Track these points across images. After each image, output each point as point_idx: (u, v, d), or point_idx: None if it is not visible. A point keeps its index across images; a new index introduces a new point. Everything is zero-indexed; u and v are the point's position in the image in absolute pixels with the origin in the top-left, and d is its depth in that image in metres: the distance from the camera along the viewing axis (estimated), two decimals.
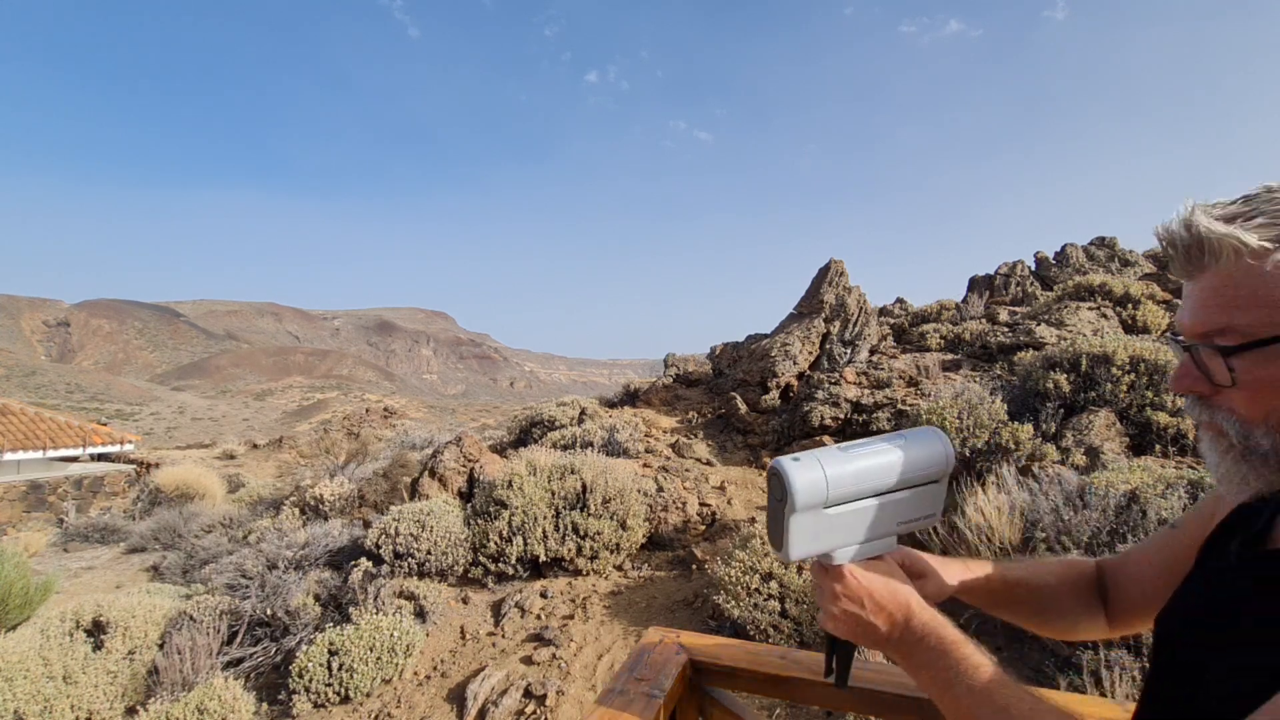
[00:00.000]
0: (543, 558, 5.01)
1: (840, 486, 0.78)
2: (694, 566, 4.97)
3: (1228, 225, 0.60)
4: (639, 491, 5.59)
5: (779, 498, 0.79)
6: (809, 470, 0.77)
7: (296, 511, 8.16)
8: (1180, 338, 0.66)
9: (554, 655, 4.04)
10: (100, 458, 16.24)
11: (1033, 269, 13.56)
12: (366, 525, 6.38)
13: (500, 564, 5.07)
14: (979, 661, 0.70)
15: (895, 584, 0.79)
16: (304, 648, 4.31)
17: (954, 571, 0.95)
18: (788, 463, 0.79)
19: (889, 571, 0.81)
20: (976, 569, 0.96)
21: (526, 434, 9.42)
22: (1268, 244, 0.57)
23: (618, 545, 5.13)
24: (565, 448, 7.47)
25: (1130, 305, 8.59)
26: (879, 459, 0.79)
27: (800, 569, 4.19)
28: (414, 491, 6.80)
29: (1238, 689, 0.58)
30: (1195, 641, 0.69)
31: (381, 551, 5.26)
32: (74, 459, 15.46)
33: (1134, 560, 0.93)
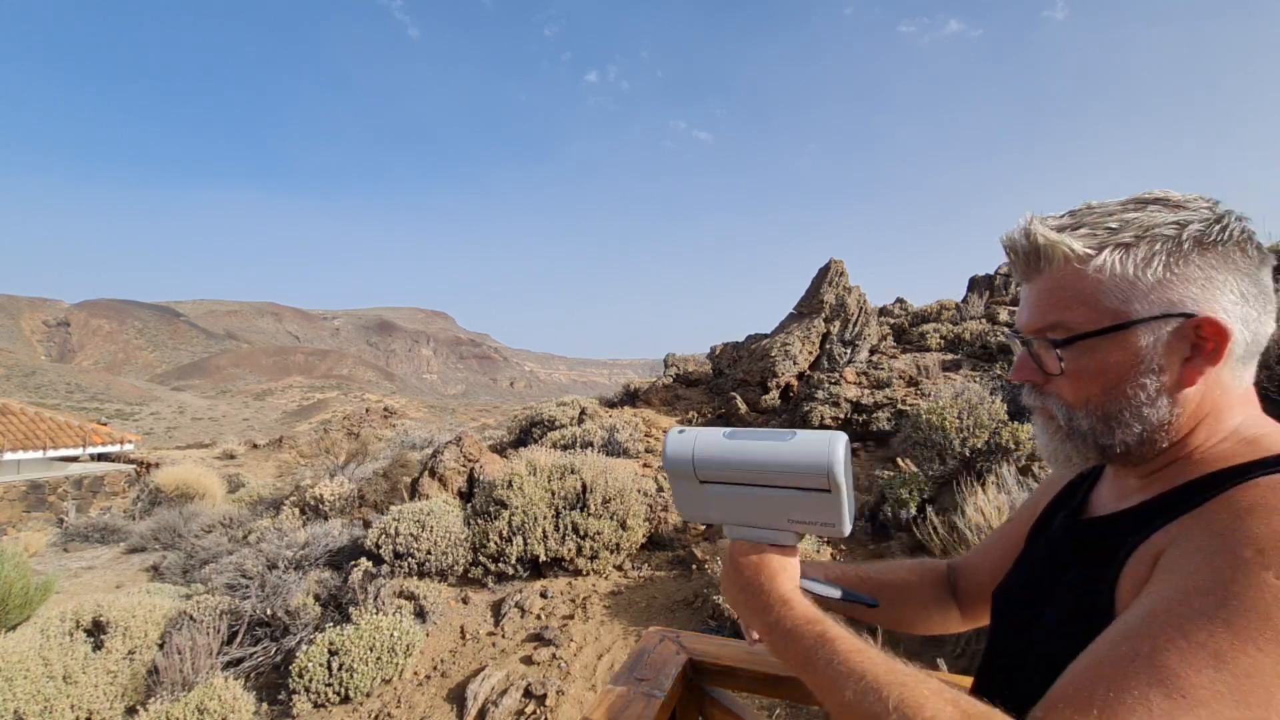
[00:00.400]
0: (543, 558, 5.01)
1: (708, 464, 0.81)
2: (694, 566, 4.97)
3: (1059, 234, 0.68)
4: (639, 491, 5.59)
5: (666, 470, 0.85)
6: (682, 443, 0.83)
7: (296, 511, 8.16)
8: (1019, 334, 0.74)
9: (554, 655, 4.04)
10: (100, 458, 16.24)
11: None
12: (366, 525, 6.38)
13: (500, 564, 5.07)
14: (840, 634, 0.71)
15: (780, 569, 0.81)
16: (304, 648, 4.31)
17: (820, 569, 1.00)
18: (673, 432, 0.85)
19: (783, 563, 0.82)
20: (837, 569, 1.02)
21: (526, 434, 9.43)
22: (1090, 250, 0.67)
23: (618, 545, 5.14)
24: (565, 448, 7.47)
25: None
26: (751, 450, 0.80)
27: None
28: (414, 491, 6.80)
29: (1064, 635, 0.66)
30: (1025, 604, 0.78)
31: (381, 551, 5.26)
32: (74, 459, 15.46)
33: (978, 555, 1.01)
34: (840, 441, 0.76)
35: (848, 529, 0.79)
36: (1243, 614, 0.52)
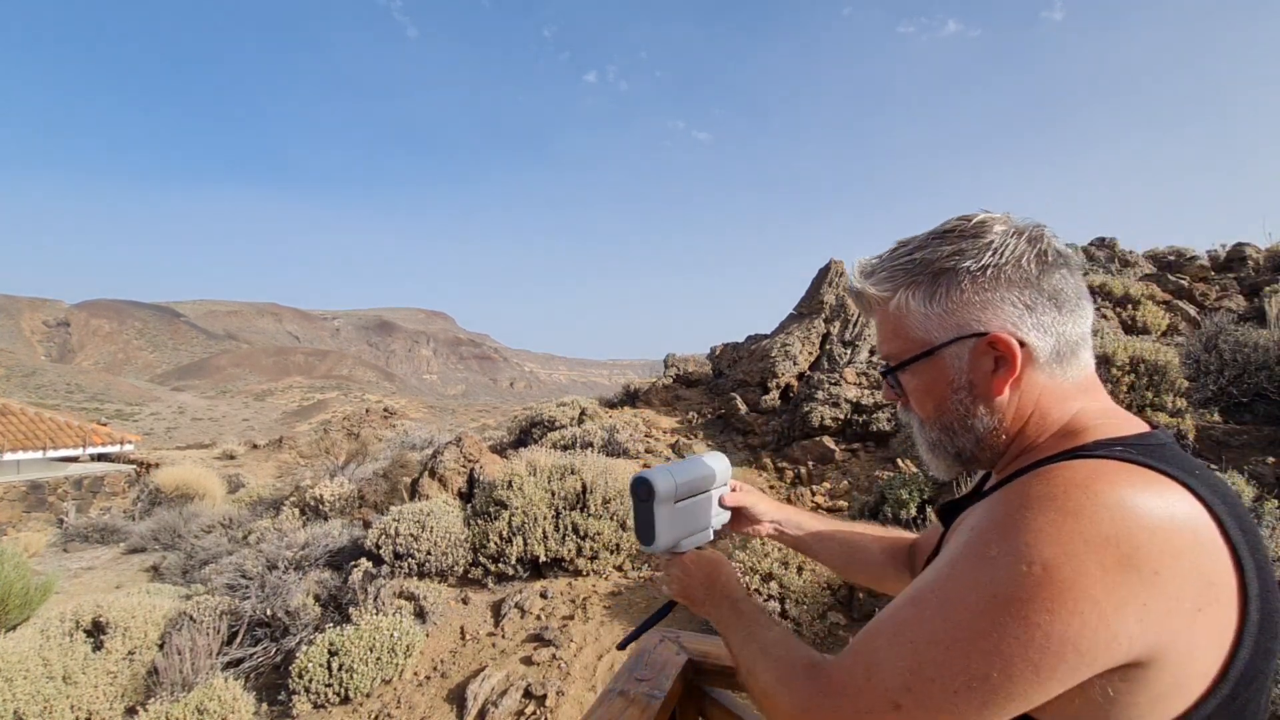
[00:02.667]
0: (543, 558, 5.01)
1: (682, 482, 1.06)
2: None
3: (865, 280, 0.81)
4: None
5: (643, 498, 1.03)
6: (664, 475, 1.05)
7: (296, 512, 8.16)
8: (881, 362, 0.88)
9: (554, 656, 4.04)
10: (100, 458, 16.24)
11: None
12: (366, 525, 6.37)
13: (500, 564, 5.07)
14: (753, 610, 0.92)
15: (713, 564, 1.03)
16: (304, 648, 4.31)
17: (784, 511, 1.21)
18: (650, 471, 1.06)
19: (713, 557, 1.05)
20: (808, 518, 1.22)
21: (526, 434, 9.42)
22: (886, 294, 0.79)
23: (618, 545, 5.13)
24: (565, 448, 7.47)
25: (1130, 306, 8.59)
26: (699, 468, 1.09)
27: (800, 570, 4.19)
28: (414, 492, 6.80)
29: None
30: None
31: (381, 552, 5.26)
32: (74, 459, 15.46)
33: (927, 534, 1.12)
34: (718, 453, 1.16)
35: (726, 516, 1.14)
36: (954, 576, 0.63)
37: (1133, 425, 0.72)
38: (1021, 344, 0.72)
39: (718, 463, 1.13)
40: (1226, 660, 0.60)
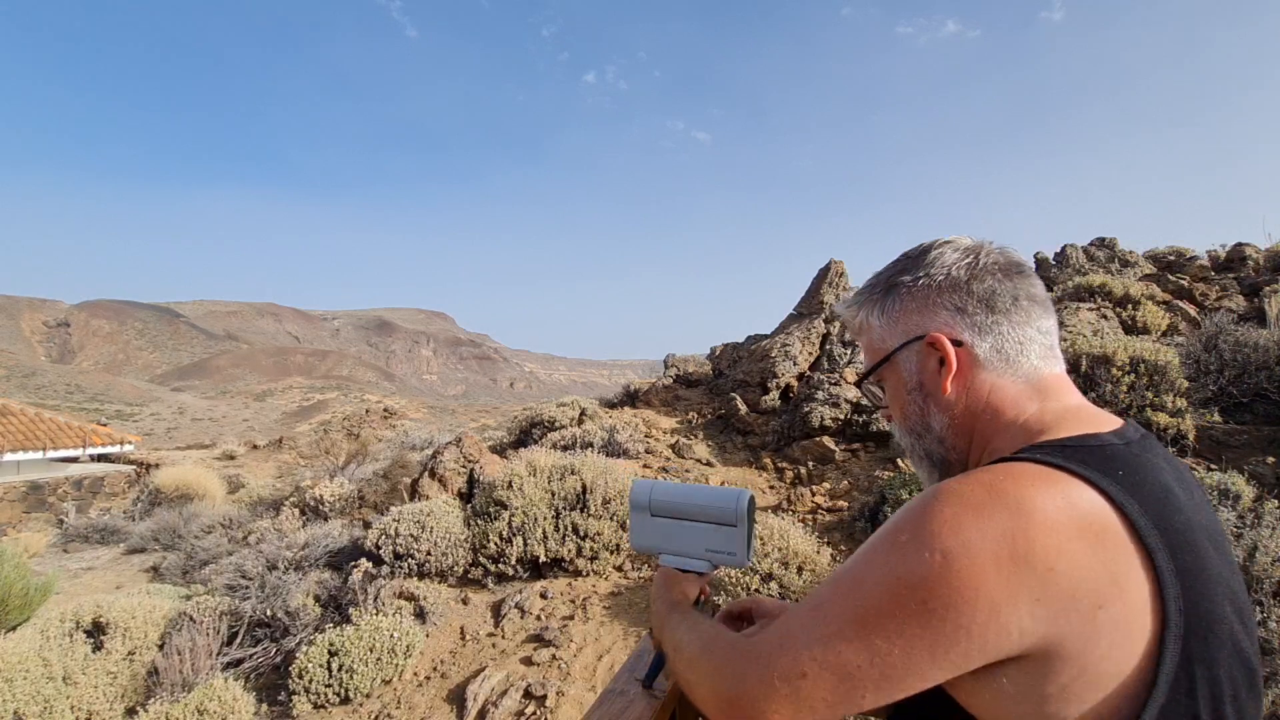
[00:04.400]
0: (543, 558, 5.01)
1: (658, 500, 1.10)
2: None
3: (841, 306, 0.94)
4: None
5: (631, 500, 1.14)
6: (646, 485, 1.13)
7: (296, 512, 8.16)
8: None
9: (554, 656, 4.04)
10: (100, 458, 16.24)
11: (1032, 269, 13.54)
12: (366, 526, 6.37)
13: (500, 564, 5.07)
14: (700, 614, 0.93)
15: (670, 579, 1.04)
16: (304, 648, 4.31)
17: None
18: (644, 480, 1.15)
19: (671, 574, 1.05)
20: None
21: (526, 434, 9.42)
22: (853, 313, 0.90)
23: (618, 546, 5.13)
24: (565, 448, 7.47)
25: (1130, 306, 8.59)
26: (688, 492, 1.10)
27: (800, 570, 4.19)
28: (414, 492, 6.80)
29: None
30: None
31: (381, 552, 5.26)
32: (74, 459, 15.46)
33: None
34: (747, 495, 1.06)
35: (746, 561, 1.06)
36: (868, 561, 0.67)
37: (1091, 424, 0.74)
38: (958, 343, 0.78)
39: (725, 500, 1.07)
40: (1152, 664, 0.61)
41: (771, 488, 7.00)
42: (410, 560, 5.18)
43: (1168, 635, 0.61)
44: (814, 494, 6.35)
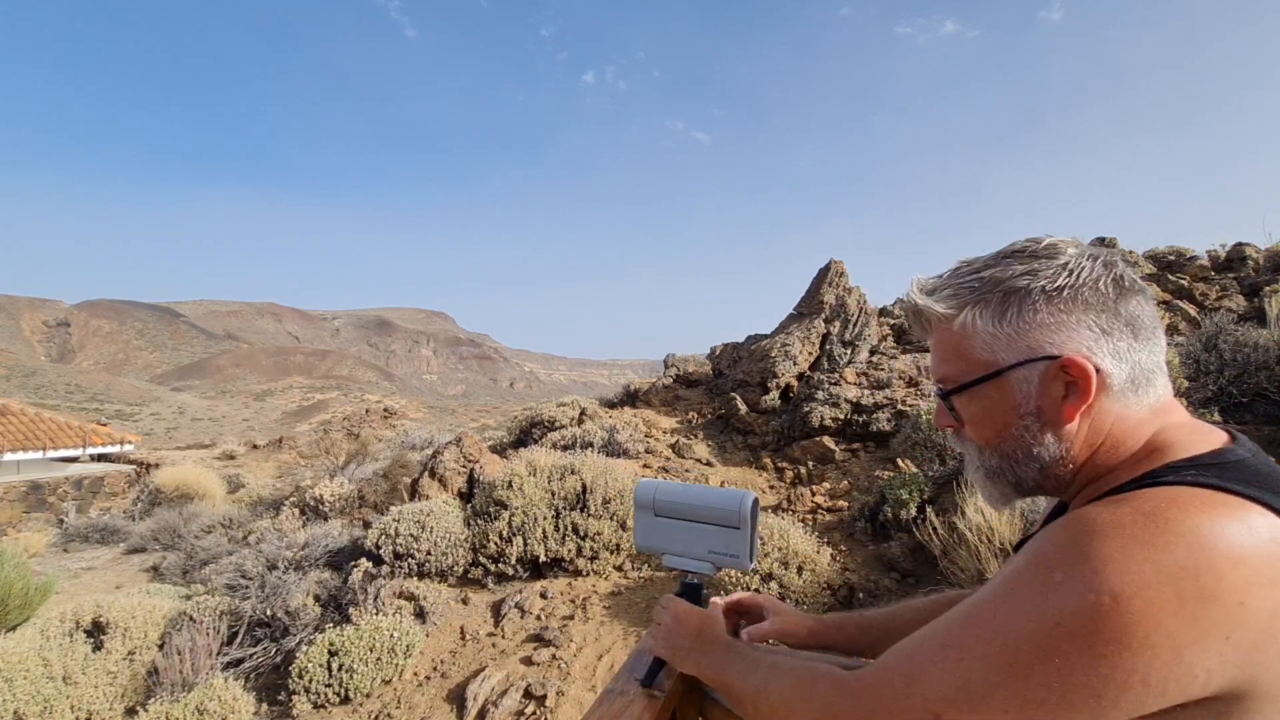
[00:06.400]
0: (543, 558, 5.01)
1: (662, 500, 1.10)
2: None
3: (927, 298, 0.77)
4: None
5: (634, 499, 1.14)
6: (650, 484, 1.14)
7: (296, 512, 8.16)
8: (935, 386, 0.83)
9: (554, 656, 4.04)
10: (100, 458, 16.24)
11: None
12: (366, 526, 6.37)
13: (500, 564, 5.07)
14: (752, 648, 0.90)
15: (706, 617, 1.01)
16: (304, 648, 4.31)
17: (805, 623, 1.11)
18: (648, 480, 1.15)
19: (707, 612, 1.03)
20: (830, 619, 1.12)
21: (526, 434, 9.42)
22: (952, 311, 0.75)
23: (618, 545, 5.14)
24: (565, 448, 7.47)
25: None
26: (693, 493, 1.10)
27: (800, 570, 4.19)
28: (414, 492, 6.80)
29: None
30: None
31: (381, 552, 5.26)
32: (74, 459, 15.46)
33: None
34: (751, 497, 1.05)
35: (748, 565, 1.06)
36: (1013, 598, 0.61)
37: (1211, 439, 0.68)
38: (1097, 370, 0.68)
39: (730, 501, 1.06)
40: None
41: (771, 488, 7.01)
42: (410, 560, 5.18)
43: None
44: (814, 494, 6.35)
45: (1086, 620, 0.55)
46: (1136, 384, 0.70)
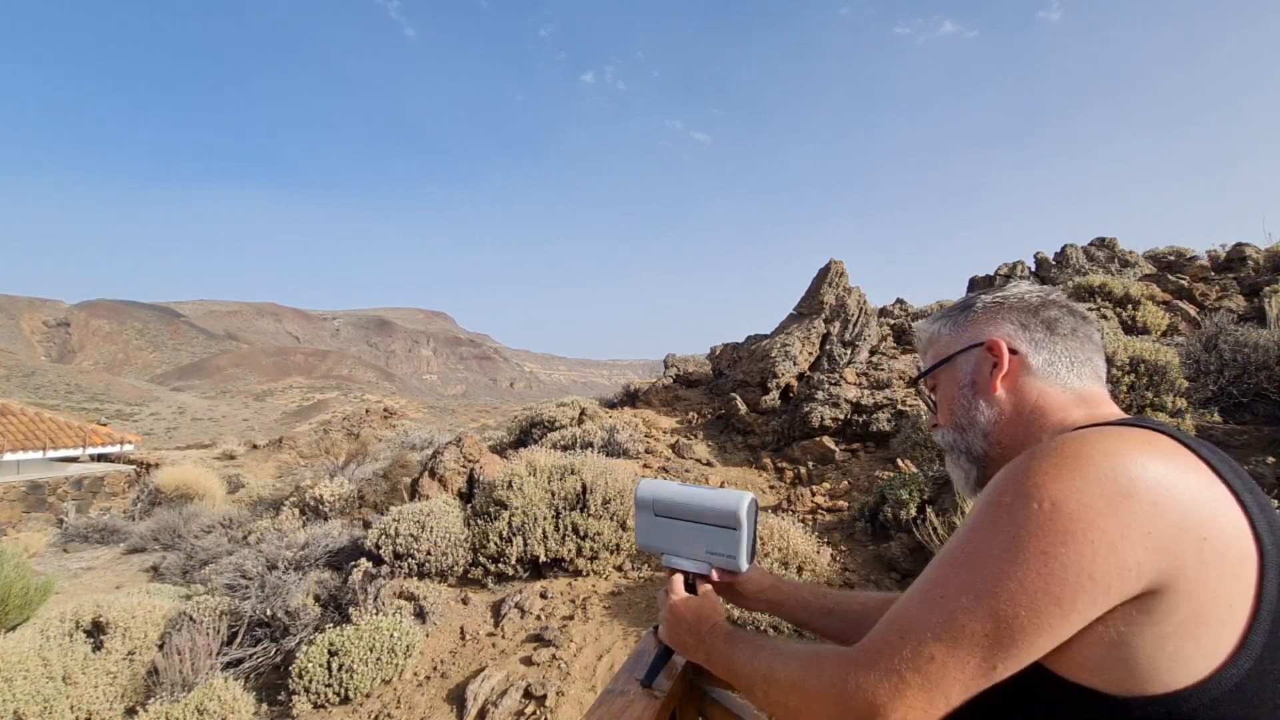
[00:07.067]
0: (543, 558, 5.01)
1: (662, 499, 1.13)
2: None
3: (920, 322, 1.04)
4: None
5: (635, 498, 1.17)
6: (651, 484, 1.16)
7: (296, 512, 8.16)
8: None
9: (554, 656, 4.04)
10: (100, 458, 16.23)
11: (1033, 269, 13.55)
12: (366, 526, 6.37)
13: (500, 564, 5.07)
14: (753, 633, 0.96)
15: (702, 606, 1.05)
16: (304, 648, 4.31)
17: (766, 580, 1.19)
18: (648, 480, 1.17)
19: (703, 601, 1.07)
20: (807, 591, 1.19)
21: (526, 434, 9.42)
22: (934, 328, 0.99)
23: (618, 546, 5.13)
24: (565, 448, 7.47)
25: (1130, 306, 8.59)
26: (690, 494, 1.12)
27: (800, 570, 4.19)
28: (414, 492, 6.80)
29: None
30: None
31: (381, 552, 5.26)
32: (74, 459, 15.45)
33: None
34: (748, 498, 1.07)
35: (744, 566, 1.08)
36: (974, 530, 0.69)
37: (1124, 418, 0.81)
38: (1014, 351, 0.87)
39: (727, 502, 1.08)
40: (1256, 593, 0.62)
41: (771, 488, 7.01)
42: (410, 560, 5.18)
43: (1267, 563, 0.63)
44: (814, 494, 6.35)
45: (1034, 526, 0.63)
46: (1056, 368, 0.86)
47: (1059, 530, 0.62)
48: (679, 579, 1.11)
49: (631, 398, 11.02)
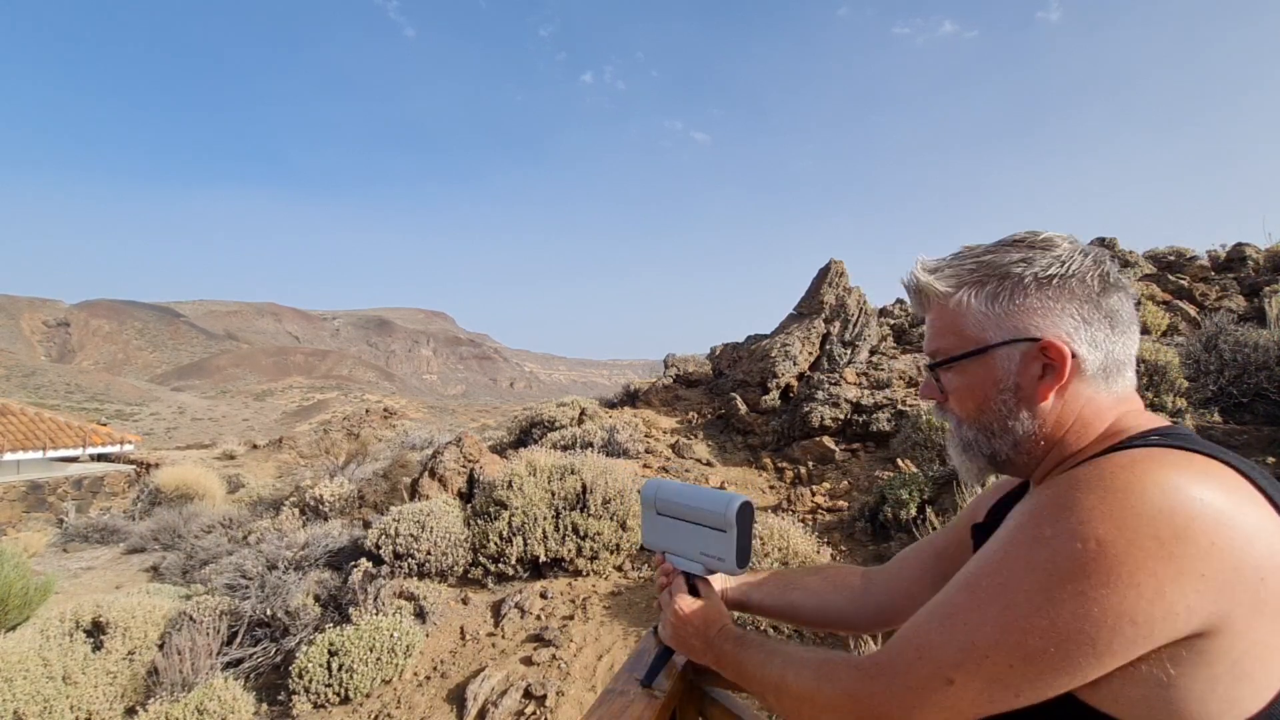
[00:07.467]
0: (543, 558, 5.01)
1: (663, 499, 1.14)
2: None
3: (928, 276, 0.82)
4: (639, 492, 5.59)
5: (640, 502, 1.18)
6: (655, 484, 1.17)
7: (296, 512, 8.16)
8: (925, 359, 0.89)
9: (554, 656, 4.04)
10: (100, 458, 16.23)
11: None
12: (366, 526, 6.37)
13: (500, 564, 5.07)
14: (763, 637, 0.94)
15: (709, 612, 1.04)
16: (304, 648, 4.31)
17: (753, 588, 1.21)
18: (653, 479, 1.19)
19: (709, 608, 1.05)
20: (772, 584, 1.22)
21: (526, 434, 9.42)
22: (949, 290, 0.80)
23: (618, 546, 5.14)
24: (565, 448, 7.47)
25: None
26: (689, 494, 1.12)
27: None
28: (414, 492, 6.80)
29: None
30: None
31: (381, 552, 5.26)
32: (74, 459, 15.45)
33: (898, 565, 1.12)
34: (740, 500, 1.05)
35: (737, 569, 1.06)
36: (1007, 560, 0.64)
37: (1160, 421, 0.75)
38: (1073, 354, 0.74)
39: (718, 504, 1.07)
40: None
41: (771, 488, 7.01)
42: (410, 560, 5.18)
43: None
44: (814, 494, 6.35)
45: (1075, 566, 0.58)
46: (1108, 372, 0.76)
47: (1102, 572, 0.57)
48: (682, 580, 1.11)
49: (631, 398, 11.02)
